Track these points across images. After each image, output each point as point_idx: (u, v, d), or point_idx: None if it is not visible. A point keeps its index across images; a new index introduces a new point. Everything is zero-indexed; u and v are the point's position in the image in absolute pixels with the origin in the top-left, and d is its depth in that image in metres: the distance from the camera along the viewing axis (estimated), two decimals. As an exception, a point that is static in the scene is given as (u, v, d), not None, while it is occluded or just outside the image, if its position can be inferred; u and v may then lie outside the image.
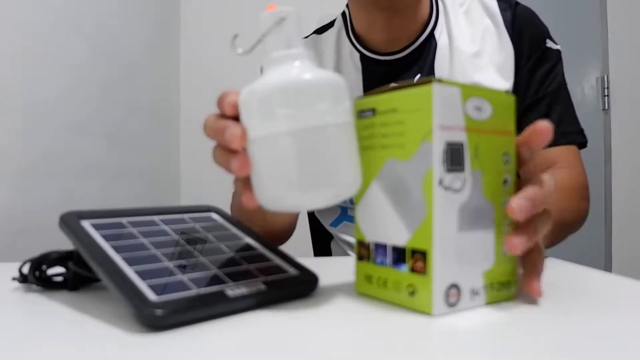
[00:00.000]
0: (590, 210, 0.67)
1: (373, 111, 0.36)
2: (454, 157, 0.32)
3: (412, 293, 0.33)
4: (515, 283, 0.36)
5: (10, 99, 1.04)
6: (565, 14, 1.98)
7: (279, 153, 0.33)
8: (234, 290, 0.33)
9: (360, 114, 0.37)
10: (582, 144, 0.71)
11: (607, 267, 1.94)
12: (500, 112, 0.34)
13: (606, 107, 1.99)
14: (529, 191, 0.33)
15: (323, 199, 0.34)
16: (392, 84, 0.36)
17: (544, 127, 0.35)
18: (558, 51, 0.74)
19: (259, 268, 0.38)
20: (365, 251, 0.37)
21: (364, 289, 0.38)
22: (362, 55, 0.77)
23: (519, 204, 0.32)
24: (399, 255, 0.34)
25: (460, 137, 0.32)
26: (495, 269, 0.34)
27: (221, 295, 0.32)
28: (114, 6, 1.44)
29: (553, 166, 0.66)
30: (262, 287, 0.35)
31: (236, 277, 0.35)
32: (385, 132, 0.35)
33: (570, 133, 0.70)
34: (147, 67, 1.65)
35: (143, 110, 1.61)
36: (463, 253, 0.33)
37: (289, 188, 0.33)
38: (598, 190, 1.95)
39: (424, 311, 0.32)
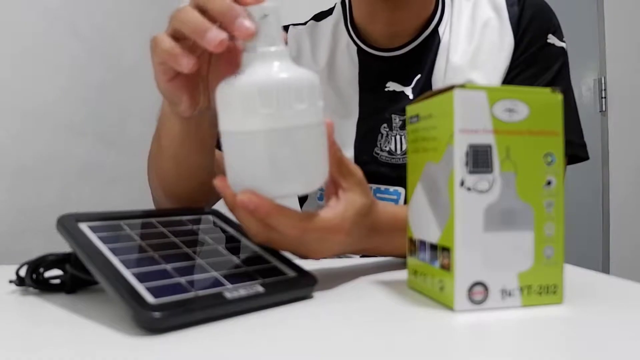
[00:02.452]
0: (585, 212, 0.67)
1: (417, 117, 0.38)
2: (478, 159, 0.33)
3: (442, 288, 0.35)
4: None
5: (8, 100, 1.04)
6: (563, 16, 1.98)
7: (257, 149, 0.36)
8: (232, 293, 0.33)
9: (410, 119, 0.40)
10: (582, 158, 0.67)
11: (605, 268, 1.94)
12: (540, 112, 0.34)
13: (603, 109, 2.00)
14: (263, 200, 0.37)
15: (295, 190, 0.38)
16: (434, 89, 0.37)
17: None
18: (562, 49, 0.68)
19: (257, 270, 0.38)
20: (413, 247, 0.39)
21: (412, 284, 0.40)
22: (360, 49, 0.73)
23: (245, 197, 0.36)
24: (433, 251, 0.36)
25: (486, 139, 0.33)
26: (535, 271, 0.34)
27: (219, 297, 0.32)
28: (110, 8, 1.43)
29: None
30: (261, 289, 0.35)
31: (234, 280, 0.35)
32: (425, 136, 0.37)
33: (570, 146, 0.64)
34: (145, 69, 1.64)
35: (140, 112, 1.60)
36: (491, 253, 0.33)
37: (264, 180, 0.36)
38: (595, 192, 1.95)
39: (449, 306, 0.33)
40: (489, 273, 0.33)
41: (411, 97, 0.70)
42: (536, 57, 0.68)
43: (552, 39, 0.68)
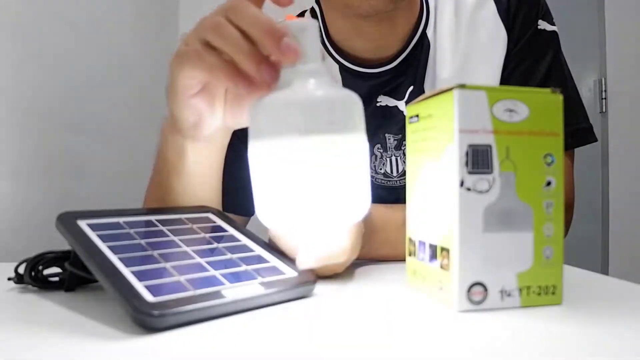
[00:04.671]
0: (585, 213, 0.66)
1: (417, 117, 0.38)
2: (477, 160, 0.33)
3: (441, 288, 0.35)
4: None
5: (7, 98, 1.04)
6: (563, 17, 1.98)
7: (281, 169, 0.33)
8: (231, 292, 0.33)
9: (409, 119, 0.40)
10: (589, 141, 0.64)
11: (604, 269, 1.94)
12: (540, 113, 0.34)
13: (604, 110, 2.00)
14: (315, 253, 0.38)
15: (328, 219, 0.35)
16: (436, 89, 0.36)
17: None
18: (553, 33, 0.65)
19: (256, 269, 0.38)
20: (412, 247, 0.39)
21: (412, 283, 0.40)
22: (342, 66, 0.66)
23: (301, 265, 0.38)
24: (433, 252, 0.36)
25: (486, 139, 0.33)
26: (534, 271, 0.34)
27: (218, 296, 0.32)
28: (110, 4, 1.43)
29: None
30: (260, 288, 0.35)
31: (233, 278, 0.35)
32: (425, 136, 0.37)
33: (570, 136, 0.60)
34: (145, 66, 1.65)
35: (140, 110, 1.60)
36: (491, 253, 0.33)
37: (277, 206, 0.34)
38: (595, 193, 1.95)
39: (448, 306, 0.34)
40: (488, 273, 0.33)
41: (405, 112, 0.65)
42: (530, 47, 0.64)
43: (542, 25, 0.65)
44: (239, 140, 0.49)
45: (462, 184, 0.33)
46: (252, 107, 0.35)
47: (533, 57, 0.65)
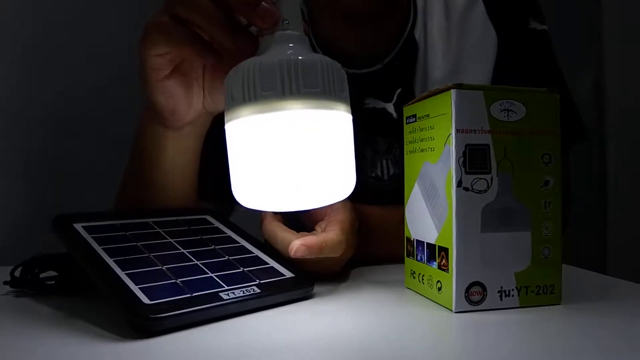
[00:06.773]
0: (583, 212, 0.65)
1: (415, 117, 0.38)
2: (475, 160, 0.33)
3: (440, 289, 0.35)
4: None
5: (4, 101, 1.04)
6: (561, 14, 1.98)
7: (256, 141, 0.31)
8: (228, 294, 0.33)
9: (407, 119, 0.40)
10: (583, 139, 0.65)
11: (602, 268, 1.95)
12: (537, 112, 0.34)
13: (602, 108, 2.00)
14: (309, 239, 0.38)
15: (304, 200, 0.33)
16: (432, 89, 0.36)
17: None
18: (544, 32, 0.65)
19: (254, 271, 0.38)
20: (410, 248, 0.39)
21: (409, 284, 0.40)
22: None
23: (295, 245, 0.37)
24: (431, 252, 0.36)
25: (484, 139, 0.33)
26: (532, 271, 0.34)
27: (215, 298, 0.32)
28: (110, 8, 1.43)
29: None
30: (257, 290, 0.34)
31: (231, 281, 0.35)
32: (422, 136, 0.37)
33: (566, 135, 0.61)
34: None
35: (138, 113, 1.60)
36: (489, 253, 0.33)
37: (256, 184, 0.32)
38: (593, 191, 1.95)
39: (447, 307, 0.34)
40: (486, 273, 0.33)
41: (394, 115, 0.65)
42: (521, 47, 0.64)
43: (533, 24, 0.64)
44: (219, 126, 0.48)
45: (459, 184, 0.33)
46: (227, 77, 0.33)
47: (525, 57, 0.64)
